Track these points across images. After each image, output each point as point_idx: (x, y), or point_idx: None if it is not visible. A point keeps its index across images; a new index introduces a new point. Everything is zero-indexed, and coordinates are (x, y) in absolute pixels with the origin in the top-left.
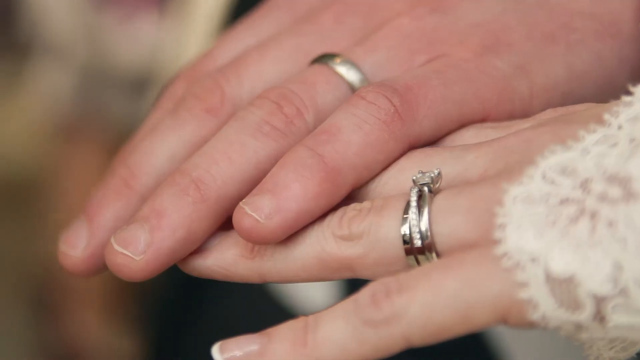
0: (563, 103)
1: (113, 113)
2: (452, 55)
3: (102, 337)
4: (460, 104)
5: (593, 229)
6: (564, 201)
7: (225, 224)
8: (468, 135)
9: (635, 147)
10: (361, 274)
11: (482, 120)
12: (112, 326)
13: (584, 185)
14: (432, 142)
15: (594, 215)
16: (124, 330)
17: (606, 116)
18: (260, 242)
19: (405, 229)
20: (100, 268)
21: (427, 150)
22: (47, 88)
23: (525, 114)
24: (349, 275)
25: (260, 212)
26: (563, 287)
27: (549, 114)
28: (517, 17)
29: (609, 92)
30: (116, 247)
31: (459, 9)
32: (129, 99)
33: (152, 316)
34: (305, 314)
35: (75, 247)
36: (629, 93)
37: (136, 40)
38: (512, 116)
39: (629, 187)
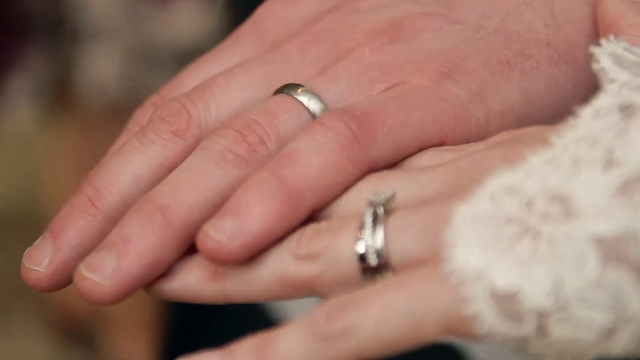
0: (519, 127)
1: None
2: (410, 83)
3: None
4: (417, 129)
5: (535, 246)
6: (509, 220)
7: (191, 250)
8: (425, 159)
9: (577, 168)
10: (321, 292)
11: (440, 144)
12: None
13: (529, 205)
14: (391, 165)
15: (536, 234)
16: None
17: (552, 138)
18: (224, 263)
19: (360, 248)
20: (63, 284)
21: (385, 173)
22: (96, 71)
23: (481, 138)
24: (309, 293)
25: (222, 233)
26: (507, 303)
27: (502, 136)
28: (474, 45)
29: (564, 115)
30: (84, 272)
31: (418, 39)
32: (171, 78)
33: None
34: None
35: (39, 263)
36: (575, 115)
37: (175, 22)
38: (468, 140)
39: (569, 206)
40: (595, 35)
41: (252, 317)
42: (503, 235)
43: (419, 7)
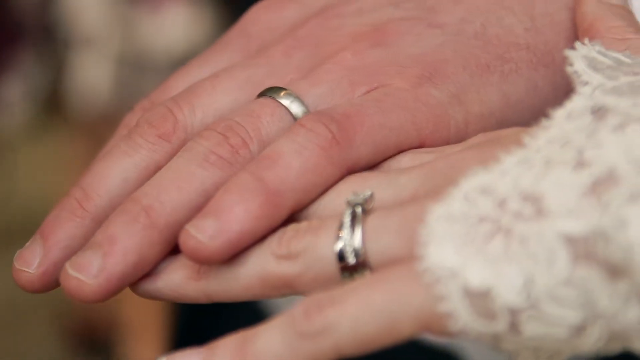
0: (498, 129)
1: None
2: (390, 86)
3: None
4: (397, 131)
5: (507, 245)
6: (483, 219)
7: (175, 250)
8: (404, 160)
9: (549, 168)
10: (301, 291)
11: (419, 145)
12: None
13: (501, 204)
14: (371, 166)
15: (508, 232)
16: None
17: (526, 139)
18: (205, 262)
19: (339, 248)
20: (53, 285)
21: (364, 174)
22: (88, 78)
23: (461, 140)
24: (289, 292)
25: (204, 233)
26: (480, 300)
27: (479, 138)
28: (454, 49)
29: (544, 118)
30: (70, 271)
31: (399, 43)
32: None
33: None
34: None
35: (30, 264)
36: (545, 116)
37: (167, 29)
38: (448, 142)
39: (540, 206)
40: (575, 38)
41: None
42: (476, 234)
43: (400, 11)
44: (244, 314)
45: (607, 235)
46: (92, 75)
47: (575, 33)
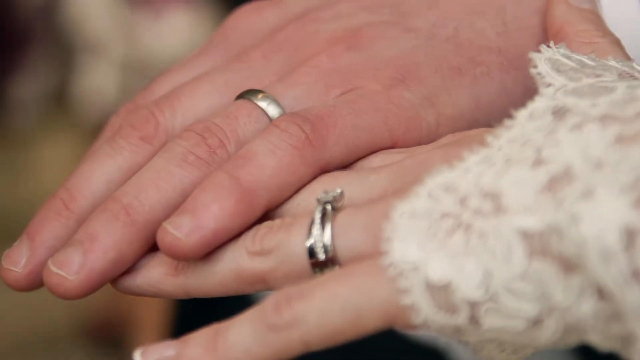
0: (469, 130)
1: None
2: (364, 88)
3: None
4: (369, 132)
5: (467, 240)
6: (444, 216)
7: (155, 247)
8: (376, 160)
9: (508, 166)
10: (274, 286)
11: (391, 146)
12: None
13: (463, 201)
14: (344, 166)
15: (468, 228)
16: None
17: (489, 138)
18: (181, 258)
19: (309, 244)
20: (39, 284)
21: (337, 174)
22: (92, 83)
23: (432, 141)
24: (263, 288)
25: (180, 230)
26: (441, 294)
27: (448, 138)
28: (427, 52)
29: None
30: (52, 268)
31: (373, 47)
32: None
33: None
34: None
35: (16, 263)
36: (511, 117)
37: (170, 34)
38: (420, 143)
39: (499, 202)
40: (545, 42)
41: None
42: (438, 229)
43: (375, 16)
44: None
45: (561, 231)
46: (97, 78)
47: (546, 36)
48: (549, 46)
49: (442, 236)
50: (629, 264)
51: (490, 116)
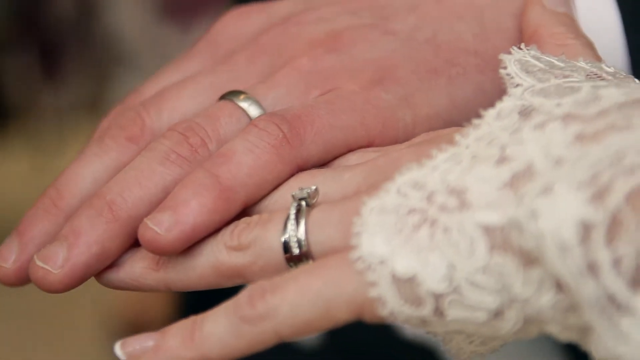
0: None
1: None
2: (342, 89)
3: None
4: (345, 131)
5: (432, 235)
6: (411, 211)
7: (138, 242)
8: (353, 159)
9: (474, 164)
10: (251, 280)
11: (368, 145)
12: None
13: (430, 197)
14: (322, 164)
15: (433, 223)
16: None
17: (457, 137)
18: (162, 253)
19: (284, 239)
20: (27, 279)
21: (313, 172)
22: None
23: (409, 140)
24: (241, 281)
25: (160, 225)
26: (407, 286)
27: (421, 137)
28: (405, 54)
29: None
30: (38, 262)
31: (353, 49)
32: None
33: None
34: None
35: (6, 260)
36: (480, 117)
37: None
38: (396, 142)
39: (463, 198)
40: (521, 44)
41: None
42: (405, 224)
43: (356, 19)
44: None
45: (521, 225)
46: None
47: (522, 39)
48: (520, 48)
49: (408, 231)
50: (584, 257)
51: (467, 115)
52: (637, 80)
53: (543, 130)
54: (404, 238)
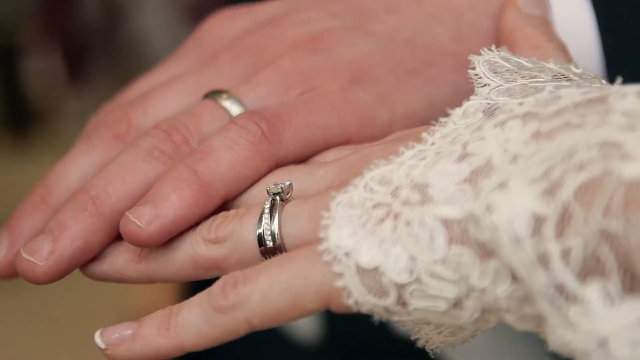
0: None
1: None
2: (322, 88)
3: None
4: (324, 129)
5: (395, 227)
6: (377, 205)
7: (120, 236)
8: (329, 155)
9: (437, 160)
10: (228, 272)
11: (346, 142)
12: None
13: (394, 192)
14: (299, 161)
15: (396, 217)
16: None
17: (424, 134)
18: (142, 245)
19: (259, 232)
20: (17, 273)
21: (290, 168)
22: None
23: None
24: (218, 273)
25: (141, 218)
26: (370, 277)
27: (394, 135)
28: (384, 55)
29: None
30: (24, 255)
31: (333, 50)
32: None
33: None
34: (293, 334)
35: None
36: (447, 115)
37: None
38: (374, 140)
39: (425, 193)
40: (497, 46)
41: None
42: (370, 218)
43: (337, 22)
44: None
45: (477, 219)
46: None
47: (498, 41)
48: (490, 49)
49: (372, 224)
50: (535, 249)
51: (444, 114)
52: (603, 81)
53: (503, 128)
54: (368, 231)
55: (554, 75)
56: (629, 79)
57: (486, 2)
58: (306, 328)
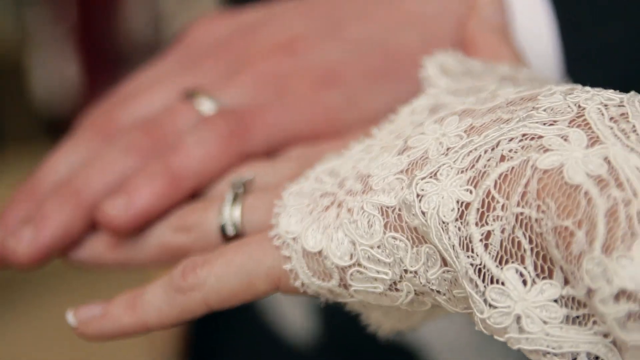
0: None
1: None
2: (294, 89)
3: None
4: (292, 127)
5: (338, 215)
6: (324, 195)
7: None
8: (294, 152)
9: (381, 153)
10: None
11: (314, 141)
12: None
13: (341, 183)
14: (267, 156)
15: (340, 204)
16: None
17: (373, 130)
18: (116, 232)
19: (222, 222)
20: (2, 263)
21: (256, 162)
22: None
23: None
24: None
25: (115, 209)
26: (315, 260)
27: (356, 134)
28: (355, 58)
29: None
30: (8, 242)
31: (308, 53)
32: None
33: None
34: (286, 330)
35: None
36: (395, 112)
37: None
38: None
39: (366, 182)
40: (462, 51)
41: (254, 321)
42: (317, 206)
43: (312, 28)
44: (254, 324)
45: (409, 206)
46: None
47: (462, 46)
48: (445, 51)
49: (319, 211)
50: (458, 234)
51: None
52: (550, 85)
53: (442, 123)
54: (314, 217)
55: (503, 78)
56: (587, 82)
57: (454, 11)
58: (304, 327)
